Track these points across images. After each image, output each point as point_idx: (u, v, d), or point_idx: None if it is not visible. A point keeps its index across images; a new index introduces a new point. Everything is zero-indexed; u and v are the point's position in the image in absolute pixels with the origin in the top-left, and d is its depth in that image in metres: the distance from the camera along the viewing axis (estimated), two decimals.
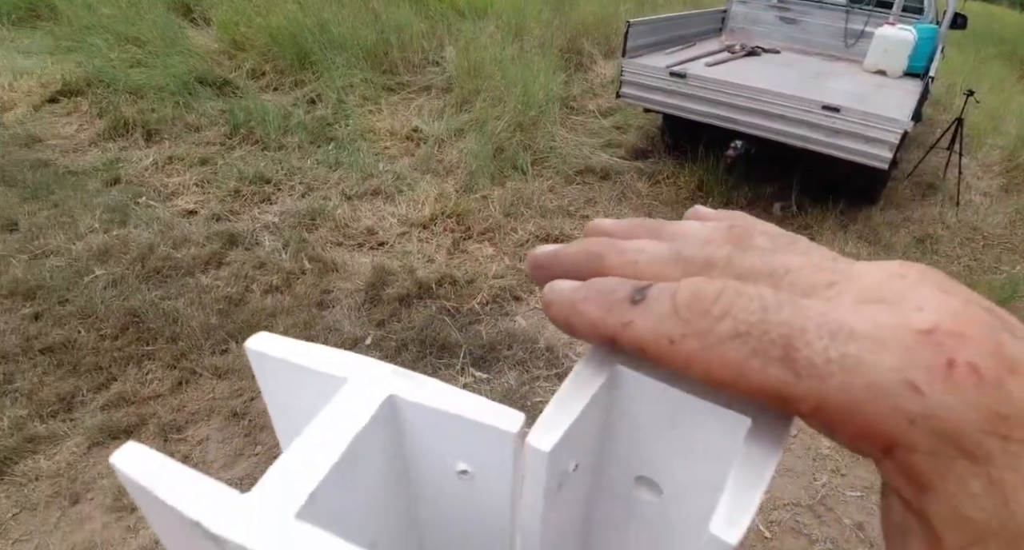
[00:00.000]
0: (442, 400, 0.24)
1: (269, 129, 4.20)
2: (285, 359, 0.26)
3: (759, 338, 0.16)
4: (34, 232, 3.10)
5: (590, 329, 0.20)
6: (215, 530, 0.18)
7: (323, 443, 0.22)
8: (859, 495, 2.08)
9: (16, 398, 2.24)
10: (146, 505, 0.21)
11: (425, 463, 0.27)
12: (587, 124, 4.87)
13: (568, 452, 0.21)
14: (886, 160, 3.10)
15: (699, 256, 0.20)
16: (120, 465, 0.20)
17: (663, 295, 0.19)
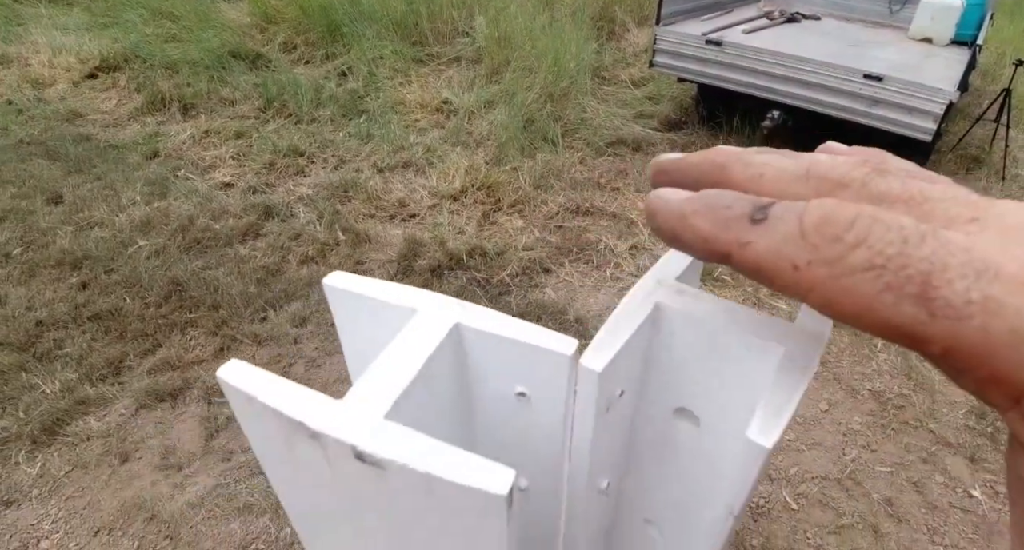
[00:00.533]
0: (503, 327, 0.26)
1: (302, 102, 4.24)
2: (361, 294, 0.29)
3: (896, 273, 0.15)
4: (79, 204, 3.21)
5: (701, 245, 0.19)
6: (316, 428, 0.20)
7: (401, 362, 0.25)
8: (889, 470, 2.07)
9: (67, 362, 2.35)
10: (248, 413, 0.23)
11: (486, 386, 0.29)
12: (619, 94, 4.79)
13: (616, 376, 0.23)
14: (930, 132, 3.00)
15: (832, 175, 0.19)
16: (226, 377, 0.22)
17: (789, 215, 0.17)
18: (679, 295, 0.28)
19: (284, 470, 0.26)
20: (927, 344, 0.15)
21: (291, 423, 0.21)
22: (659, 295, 0.27)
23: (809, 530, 1.89)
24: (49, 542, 1.80)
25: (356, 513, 0.25)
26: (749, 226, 0.18)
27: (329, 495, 0.24)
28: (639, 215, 3.36)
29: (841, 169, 0.19)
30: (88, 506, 1.90)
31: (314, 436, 0.21)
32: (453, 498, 0.20)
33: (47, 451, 2.05)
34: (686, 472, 0.31)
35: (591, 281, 2.90)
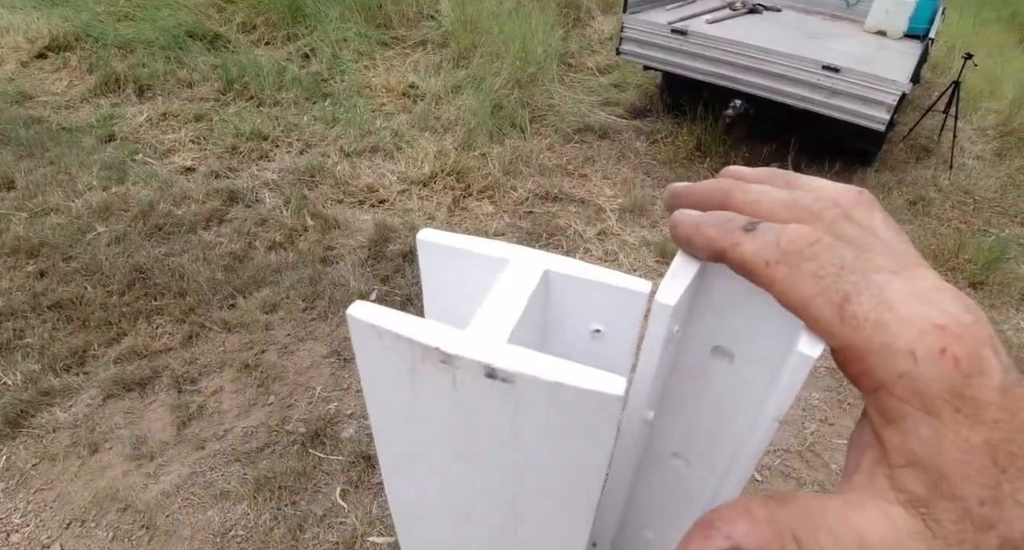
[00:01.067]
0: (587, 272, 0.30)
1: (263, 84, 4.14)
2: (455, 246, 0.32)
3: (829, 285, 0.22)
4: (32, 190, 3.09)
5: (706, 244, 0.26)
6: (452, 351, 0.24)
7: (508, 302, 0.28)
8: (846, 442, 2.18)
9: (28, 353, 2.28)
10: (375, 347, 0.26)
11: (564, 325, 0.33)
12: (585, 81, 4.83)
13: (678, 313, 0.27)
14: (883, 122, 3.13)
15: (811, 207, 0.25)
16: (356, 314, 0.25)
17: (771, 230, 0.24)
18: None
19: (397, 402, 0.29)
20: (831, 338, 0.22)
21: (424, 349, 0.25)
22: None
23: None
24: (20, 535, 1.77)
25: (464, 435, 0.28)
26: (742, 233, 0.25)
27: (442, 419, 0.28)
28: (607, 201, 3.41)
29: (819, 205, 0.26)
30: (58, 498, 1.86)
31: (446, 359, 0.25)
32: (575, 403, 0.24)
33: (11, 444, 2.00)
34: (714, 404, 0.36)
35: None
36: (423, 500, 0.35)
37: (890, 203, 3.59)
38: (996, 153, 4.28)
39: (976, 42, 5.97)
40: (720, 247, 0.25)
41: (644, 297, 0.30)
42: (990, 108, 4.86)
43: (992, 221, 3.55)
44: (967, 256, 3.10)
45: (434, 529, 0.37)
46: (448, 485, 0.32)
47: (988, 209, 3.67)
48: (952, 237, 3.29)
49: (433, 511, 0.35)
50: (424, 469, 0.32)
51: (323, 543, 1.79)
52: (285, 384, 2.24)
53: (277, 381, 2.25)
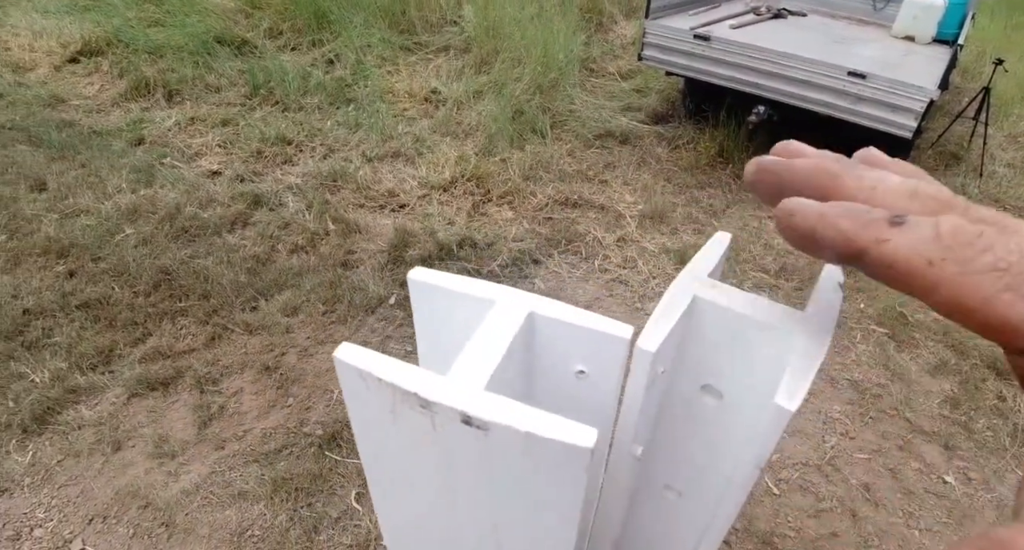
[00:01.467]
0: (570, 315, 0.31)
1: (289, 90, 4.21)
2: (443, 287, 0.33)
3: (1015, 276, 0.18)
4: (63, 192, 3.17)
5: (840, 241, 0.22)
6: (430, 398, 0.24)
7: (489, 344, 0.29)
8: (867, 457, 2.15)
9: (56, 351, 2.34)
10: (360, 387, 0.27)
11: (549, 366, 0.34)
12: (607, 87, 4.82)
13: (661, 357, 0.28)
14: (911, 129, 3.07)
15: (940, 196, 0.22)
16: (342, 357, 0.26)
17: (925, 222, 0.20)
18: (712, 289, 0.33)
19: (381, 438, 0.30)
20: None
21: (404, 394, 0.26)
22: (695, 289, 0.33)
23: (790, 514, 1.96)
24: (43, 530, 1.81)
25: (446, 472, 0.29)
26: (888, 227, 0.21)
27: (423, 457, 0.29)
28: (627, 207, 3.40)
29: (947, 193, 0.22)
30: (81, 494, 1.91)
31: (425, 405, 0.26)
32: (547, 453, 0.24)
33: (38, 440, 2.05)
34: (705, 440, 0.36)
35: (579, 272, 2.94)
36: (411, 526, 0.36)
37: None
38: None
39: (1007, 47, 5.83)
40: (860, 245, 0.21)
41: (626, 343, 0.31)
42: (1022, 114, 4.74)
43: None
44: None
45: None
46: (433, 514, 0.33)
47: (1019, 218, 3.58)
48: None
49: (421, 537, 0.36)
50: (410, 499, 0.33)
51: (337, 545, 1.80)
52: (304, 386, 2.27)
53: (296, 383, 2.27)
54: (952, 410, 2.33)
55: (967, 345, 2.60)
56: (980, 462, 2.15)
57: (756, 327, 0.31)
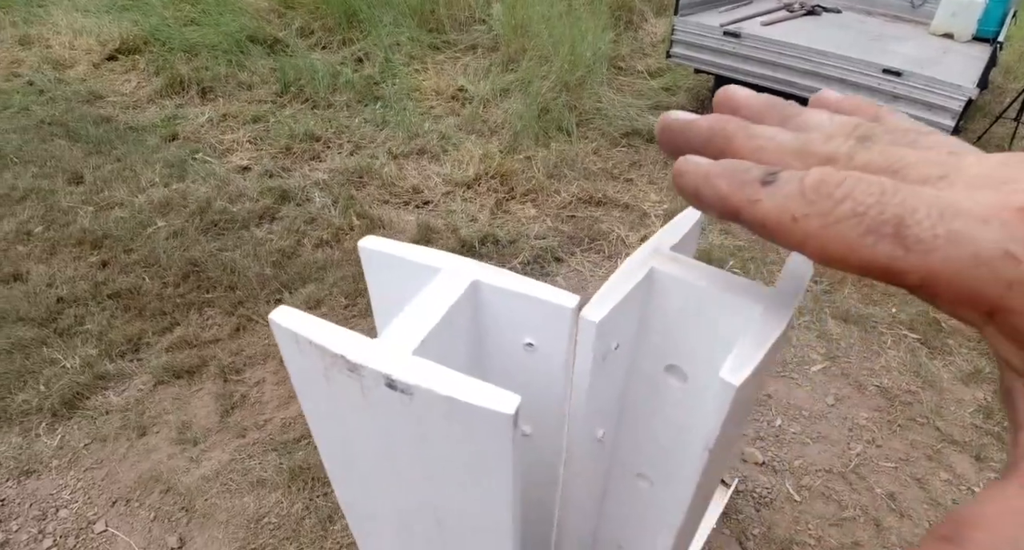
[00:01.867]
0: (515, 284, 0.30)
1: (318, 87, 4.26)
2: (392, 254, 0.32)
3: (874, 217, 0.18)
4: (99, 185, 3.26)
5: (717, 201, 0.23)
6: (355, 360, 0.24)
7: (426, 311, 0.28)
8: (893, 466, 2.09)
9: (87, 339, 2.40)
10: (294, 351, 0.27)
11: (498, 338, 0.32)
12: (635, 85, 4.78)
13: (612, 329, 0.26)
14: (948, 129, 2.98)
15: (823, 151, 0.22)
16: (277, 319, 0.25)
17: (792, 178, 0.21)
18: (673, 262, 0.32)
19: (320, 402, 0.29)
20: (904, 276, 0.18)
21: (333, 357, 0.25)
22: (654, 262, 0.31)
23: (811, 521, 1.91)
24: (68, 511, 1.86)
25: (382, 439, 0.28)
26: (759, 187, 0.21)
27: (359, 423, 0.28)
28: (651, 206, 3.37)
29: (831, 145, 0.22)
30: (106, 477, 1.96)
31: (352, 368, 0.25)
32: (469, 419, 0.23)
33: (67, 424, 2.11)
34: (673, 424, 0.34)
35: (602, 271, 2.92)
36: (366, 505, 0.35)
37: None
38: None
39: None
40: (734, 205, 0.22)
41: (570, 312, 0.29)
42: None
43: None
44: None
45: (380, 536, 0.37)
46: (380, 487, 0.32)
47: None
48: None
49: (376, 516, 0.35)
50: (358, 471, 0.32)
51: (351, 536, 1.81)
52: None
53: None
54: (985, 420, 2.25)
55: None
56: None
57: (719, 302, 0.29)
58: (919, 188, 0.19)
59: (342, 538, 1.83)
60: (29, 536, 1.78)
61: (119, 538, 1.80)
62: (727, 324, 0.27)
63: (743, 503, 1.96)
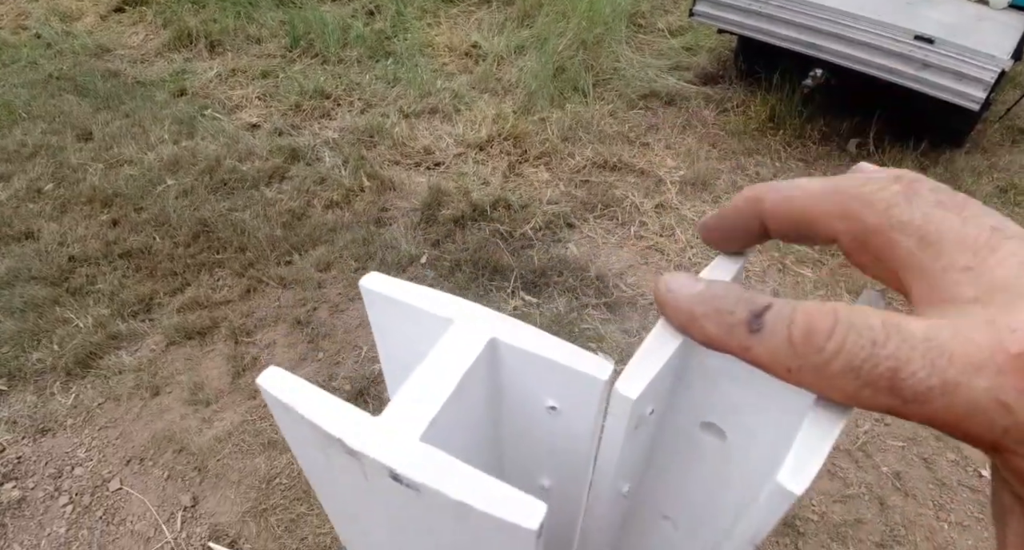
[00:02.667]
0: (539, 345, 0.27)
1: (328, 42, 4.15)
2: (396, 299, 0.30)
3: (869, 372, 0.18)
4: (108, 142, 3.23)
5: (706, 342, 0.22)
6: (355, 447, 0.22)
7: (437, 378, 0.25)
8: (901, 445, 2.09)
9: (99, 298, 2.42)
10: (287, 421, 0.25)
11: (517, 399, 0.30)
12: (655, 44, 4.62)
13: (648, 399, 0.24)
14: (978, 100, 2.86)
15: (858, 192, 0.21)
16: (265, 385, 0.23)
17: (779, 326, 0.20)
18: None
19: (322, 473, 0.27)
20: (908, 418, 0.19)
21: (329, 437, 0.23)
22: None
23: (815, 497, 1.92)
24: (83, 469, 1.90)
25: (388, 517, 0.26)
26: (748, 335, 0.21)
27: (365, 501, 0.26)
28: (668, 172, 3.30)
29: (869, 187, 0.21)
30: (120, 436, 2.00)
31: (351, 453, 0.22)
32: (484, 526, 0.21)
33: (81, 383, 2.14)
34: (707, 479, 0.32)
35: (615, 238, 2.88)
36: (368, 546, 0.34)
37: (979, 189, 3.31)
38: None
39: None
40: (729, 350, 0.21)
41: (602, 385, 0.26)
42: None
43: None
44: None
45: None
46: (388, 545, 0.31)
47: None
48: None
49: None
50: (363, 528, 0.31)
51: None
52: (334, 342, 2.30)
53: (326, 338, 2.31)
54: None
55: None
56: None
57: None
58: (911, 328, 0.18)
59: None
60: (45, 493, 1.83)
61: (133, 496, 1.84)
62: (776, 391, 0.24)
63: None
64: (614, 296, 2.55)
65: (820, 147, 3.59)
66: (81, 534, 1.76)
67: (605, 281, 2.62)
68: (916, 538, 1.83)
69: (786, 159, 3.49)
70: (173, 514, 1.82)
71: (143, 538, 1.77)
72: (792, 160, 3.49)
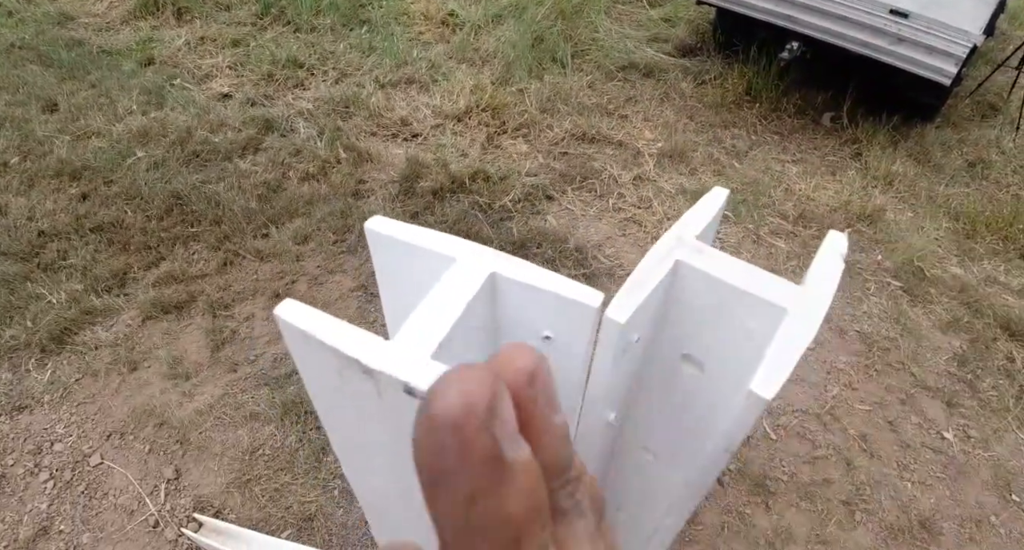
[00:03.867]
0: (535, 277, 0.29)
1: (301, 9, 4.04)
2: (401, 240, 0.31)
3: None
4: (74, 113, 3.13)
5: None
6: (371, 365, 0.23)
7: (443, 308, 0.27)
8: (867, 409, 2.17)
9: (71, 273, 2.37)
10: (303, 349, 0.26)
11: (515, 330, 0.32)
12: (633, 15, 4.58)
13: (634, 326, 0.26)
14: (950, 75, 2.91)
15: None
16: (283, 316, 0.25)
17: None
18: (698, 254, 0.31)
19: (334, 402, 0.28)
20: None
21: (347, 359, 0.24)
22: (680, 253, 0.30)
23: (785, 459, 2.00)
24: (63, 445, 1.90)
25: (398, 435, 0.28)
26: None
27: (376, 424, 0.28)
28: (646, 145, 3.31)
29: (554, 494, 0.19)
30: (99, 412, 1.99)
31: (367, 372, 0.24)
32: None
33: (56, 359, 2.11)
34: (686, 409, 0.35)
35: (593, 210, 2.90)
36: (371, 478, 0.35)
37: (948, 163, 3.39)
38: None
39: None
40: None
41: (594, 312, 0.28)
42: None
43: None
44: (1022, 226, 2.94)
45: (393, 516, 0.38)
46: (390, 470, 0.33)
47: None
48: (1009, 204, 3.11)
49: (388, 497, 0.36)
50: (372, 460, 0.32)
51: None
52: None
53: None
54: (959, 367, 2.32)
55: (982, 304, 2.56)
56: (981, 421, 2.16)
57: (744, 299, 0.29)
58: None
59: (336, 468, 1.89)
60: (25, 470, 1.82)
61: (115, 470, 1.84)
62: (751, 321, 0.26)
63: None
64: (592, 267, 2.58)
65: (795, 120, 3.63)
66: (64, 509, 1.76)
67: (584, 252, 2.65)
68: (881, 497, 1.92)
69: (762, 132, 3.52)
70: (156, 487, 1.82)
71: (127, 511, 1.77)
72: (768, 133, 3.52)
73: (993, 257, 2.85)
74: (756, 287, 0.32)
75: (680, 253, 0.32)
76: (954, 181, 3.26)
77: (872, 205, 2.98)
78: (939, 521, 1.88)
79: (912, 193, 3.16)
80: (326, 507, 1.81)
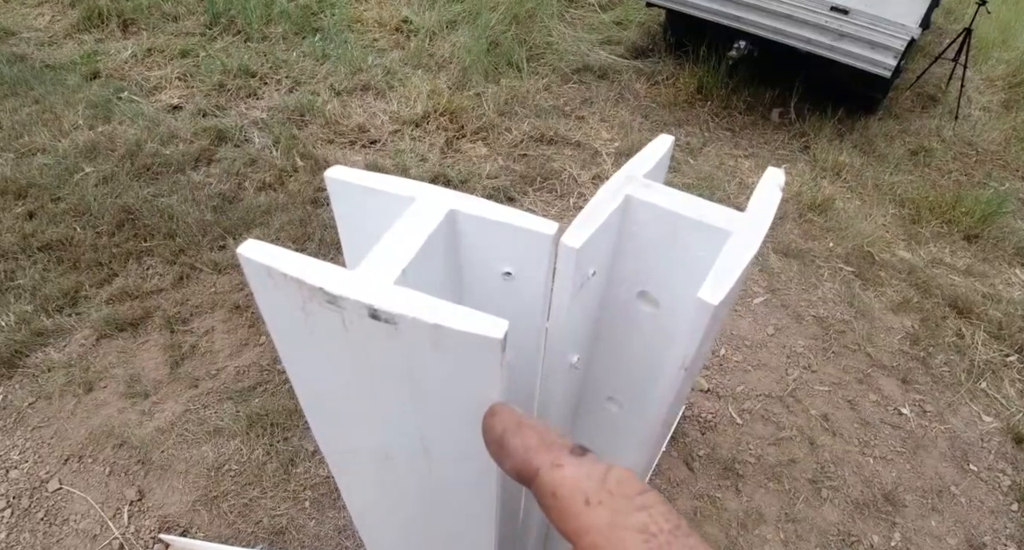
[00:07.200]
0: (493, 212, 0.30)
1: (251, 18, 3.99)
2: (362, 184, 0.31)
3: (661, 544, 0.18)
4: (18, 130, 3.02)
5: (520, 454, 0.21)
6: (336, 292, 0.23)
7: (404, 240, 0.28)
8: (827, 389, 2.23)
9: (20, 294, 2.29)
10: (266, 285, 0.26)
11: (476, 267, 0.33)
12: (586, 18, 4.65)
13: (590, 256, 0.27)
14: (890, 68, 3.03)
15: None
16: (246, 254, 0.25)
17: (600, 463, 0.20)
18: (647, 189, 0.33)
19: (296, 338, 0.29)
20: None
21: (311, 290, 0.25)
22: (629, 188, 0.32)
23: (752, 442, 2.04)
24: (19, 472, 1.82)
25: (365, 371, 0.28)
26: (567, 454, 0.20)
27: (340, 356, 0.28)
28: (603, 144, 3.35)
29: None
30: (55, 435, 1.91)
31: (332, 300, 0.24)
32: (457, 346, 0.23)
33: (8, 383, 2.03)
34: (645, 349, 0.36)
35: (555, 210, 2.93)
36: (344, 437, 0.36)
37: (892, 153, 3.53)
38: (1003, 105, 4.17)
39: None
40: (535, 464, 0.21)
41: (549, 240, 0.30)
42: (1001, 58, 4.70)
43: (993, 174, 3.50)
44: (964, 209, 3.07)
45: (361, 468, 0.38)
46: (363, 423, 0.33)
47: (990, 162, 3.61)
48: (951, 189, 3.25)
49: (355, 448, 0.36)
50: (338, 407, 0.33)
51: (314, 477, 1.85)
52: None
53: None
54: (912, 346, 2.41)
55: (930, 284, 2.67)
56: (936, 396, 2.25)
57: (692, 227, 0.31)
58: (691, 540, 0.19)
59: (305, 480, 1.86)
60: None
61: (75, 495, 1.78)
62: (700, 248, 0.27)
63: (689, 427, 2.07)
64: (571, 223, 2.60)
65: (745, 116, 3.73)
66: (23, 537, 1.69)
67: None
68: (845, 473, 1.98)
69: (714, 129, 3.60)
70: (119, 510, 1.76)
71: (89, 536, 1.71)
72: (720, 129, 3.61)
73: (938, 240, 2.97)
74: (702, 214, 0.34)
75: (630, 189, 0.34)
76: (898, 169, 3.39)
77: (822, 195, 3.08)
78: (902, 493, 1.95)
79: (859, 182, 3.28)
80: (297, 519, 1.78)
